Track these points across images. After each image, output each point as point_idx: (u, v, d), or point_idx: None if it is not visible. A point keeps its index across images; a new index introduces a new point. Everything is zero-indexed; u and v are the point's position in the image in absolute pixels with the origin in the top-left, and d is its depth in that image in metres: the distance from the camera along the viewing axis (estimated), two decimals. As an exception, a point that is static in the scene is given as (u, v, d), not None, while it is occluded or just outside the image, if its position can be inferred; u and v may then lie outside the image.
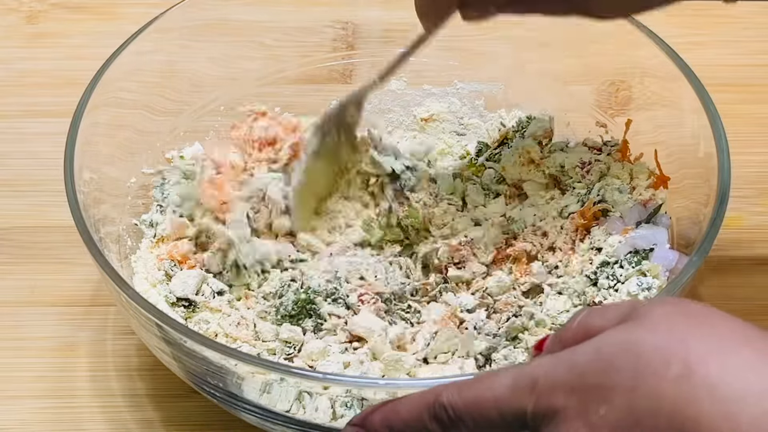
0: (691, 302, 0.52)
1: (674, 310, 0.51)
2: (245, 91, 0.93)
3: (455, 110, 0.96)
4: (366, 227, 0.84)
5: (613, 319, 0.52)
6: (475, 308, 0.80)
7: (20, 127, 1.00)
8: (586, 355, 0.50)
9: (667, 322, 0.50)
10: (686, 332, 0.49)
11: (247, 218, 0.83)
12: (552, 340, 0.55)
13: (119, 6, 1.11)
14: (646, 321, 0.50)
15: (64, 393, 0.83)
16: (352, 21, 0.96)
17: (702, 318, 0.50)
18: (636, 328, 0.50)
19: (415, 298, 0.81)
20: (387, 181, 0.85)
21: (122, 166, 0.85)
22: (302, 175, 0.83)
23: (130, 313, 0.73)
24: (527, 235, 0.84)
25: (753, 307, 0.88)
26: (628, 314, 0.52)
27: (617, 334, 0.50)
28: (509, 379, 0.52)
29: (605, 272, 0.79)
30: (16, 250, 0.91)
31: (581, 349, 0.51)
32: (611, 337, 0.51)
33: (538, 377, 0.51)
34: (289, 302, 0.79)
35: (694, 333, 0.49)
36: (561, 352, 0.52)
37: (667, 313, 0.51)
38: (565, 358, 0.51)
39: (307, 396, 0.69)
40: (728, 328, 0.49)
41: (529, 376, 0.52)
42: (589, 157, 0.87)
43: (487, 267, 0.83)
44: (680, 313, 0.51)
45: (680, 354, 0.48)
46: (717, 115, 0.78)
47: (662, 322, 0.50)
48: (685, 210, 0.81)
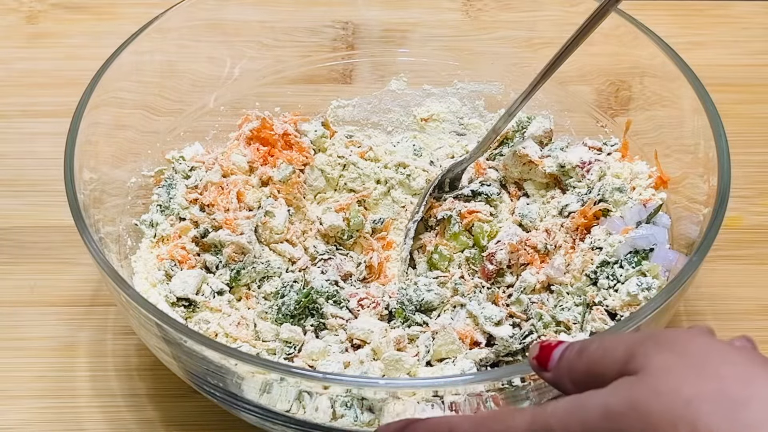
0: (688, 338, 0.52)
1: (677, 360, 0.51)
2: (245, 91, 0.93)
3: (455, 110, 0.96)
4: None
5: (614, 363, 0.53)
6: (502, 321, 0.79)
7: (20, 127, 1.00)
8: (595, 413, 0.51)
9: (671, 377, 0.50)
10: (693, 392, 0.49)
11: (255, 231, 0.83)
12: (559, 370, 0.56)
13: (119, 6, 1.11)
14: (650, 377, 0.51)
15: (64, 393, 0.82)
16: (352, 21, 0.96)
17: (708, 369, 0.50)
18: (641, 387, 0.50)
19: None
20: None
21: (122, 166, 0.85)
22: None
23: (130, 313, 0.73)
24: (538, 233, 0.84)
25: (753, 307, 0.88)
26: (628, 359, 0.52)
27: (624, 392, 0.51)
28: (525, 424, 0.54)
29: (605, 272, 0.79)
30: (16, 250, 0.91)
31: (590, 401, 0.52)
32: (618, 394, 0.51)
33: (553, 427, 0.53)
34: (291, 301, 0.80)
35: (701, 393, 0.49)
36: (574, 401, 0.53)
37: (668, 365, 0.51)
38: (577, 409, 0.52)
39: (307, 396, 0.69)
40: (733, 377, 0.49)
41: (545, 425, 0.53)
42: (589, 157, 0.87)
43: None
44: (684, 363, 0.50)
45: (687, 417, 0.48)
46: (717, 115, 0.78)
47: (667, 379, 0.50)
48: (685, 210, 0.81)
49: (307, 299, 0.79)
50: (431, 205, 0.88)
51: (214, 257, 0.83)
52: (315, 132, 0.91)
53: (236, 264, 0.82)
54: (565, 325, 0.79)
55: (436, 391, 0.66)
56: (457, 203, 0.87)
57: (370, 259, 0.85)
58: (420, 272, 0.85)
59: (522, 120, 0.91)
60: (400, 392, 0.67)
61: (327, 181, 0.91)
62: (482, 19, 0.94)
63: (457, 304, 0.81)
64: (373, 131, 0.96)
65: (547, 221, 0.86)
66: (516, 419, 0.54)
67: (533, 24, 0.92)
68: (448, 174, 0.88)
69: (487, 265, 0.83)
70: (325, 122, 0.92)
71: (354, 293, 0.82)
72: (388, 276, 0.86)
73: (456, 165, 0.88)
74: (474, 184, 0.88)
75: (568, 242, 0.84)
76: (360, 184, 0.90)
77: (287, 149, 0.89)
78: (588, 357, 0.55)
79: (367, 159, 0.91)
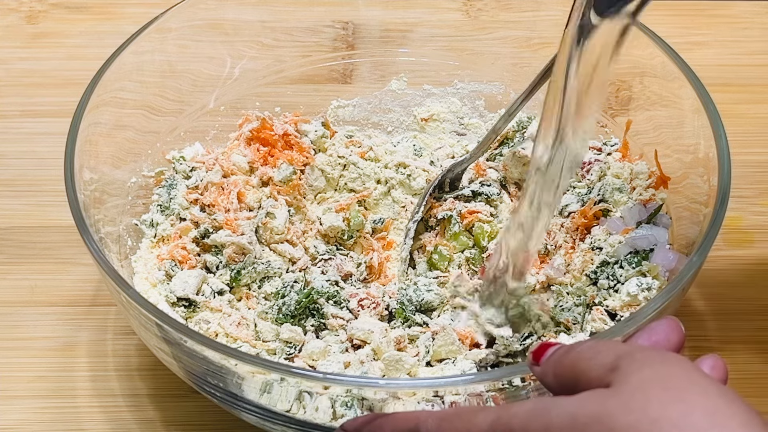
0: (675, 366, 0.53)
1: (654, 378, 0.52)
2: (245, 91, 0.93)
3: (455, 110, 0.96)
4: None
5: (599, 366, 0.54)
6: (503, 324, 0.80)
7: (20, 127, 1.00)
8: (560, 419, 0.52)
9: (644, 395, 0.51)
10: (660, 412, 0.50)
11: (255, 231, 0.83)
12: (547, 363, 0.57)
13: (119, 6, 1.11)
14: (623, 394, 0.51)
15: (65, 393, 0.83)
16: (352, 21, 0.96)
17: (680, 393, 0.51)
18: (612, 402, 0.51)
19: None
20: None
21: (122, 166, 0.85)
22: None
23: (130, 313, 0.73)
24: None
25: (753, 307, 0.88)
26: (612, 368, 0.53)
27: (593, 403, 0.52)
28: (487, 423, 0.55)
29: (605, 272, 0.79)
30: (16, 250, 0.91)
31: (558, 408, 0.53)
32: (588, 405, 0.52)
33: (514, 428, 0.53)
34: (291, 302, 0.80)
35: (667, 413, 0.50)
36: (538, 406, 0.53)
37: (644, 384, 0.51)
38: (542, 414, 0.53)
39: (308, 396, 0.69)
40: (702, 408, 0.50)
41: (506, 425, 0.54)
42: (589, 157, 0.87)
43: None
44: (659, 385, 0.51)
45: None
46: (717, 115, 0.78)
47: (639, 397, 0.51)
48: (685, 210, 0.81)
49: (308, 299, 0.79)
50: (431, 205, 0.88)
51: (214, 257, 0.83)
52: (315, 132, 0.91)
53: (236, 264, 0.82)
54: (564, 326, 0.79)
55: (436, 391, 0.66)
56: (457, 203, 0.87)
57: (370, 260, 0.85)
58: (420, 272, 0.85)
59: (522, 120, 0.91)
60: (400, 392, 0.67)
61: (327, 181, 0.91)
62: (482, 19, 0.94)
63: (457, 306, 0.81)
64: (374, 131, 0.96)
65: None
66: (479, 417, 0.55)
67: (533, 24, 0.92)
68: (448, 174, 0.88)
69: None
70: (325, 122, 0.92)
71: (354, 293, 0.82)
72: (389, 276, 0.86)
73: (456, 165, 0.88)
74: (474, 185, 0.88)
75: (568, 242, 0.84)
76: (360, 184, 0.90)
77: (287, 149, 0.89)
78: (577, 354, 0.56)
79: (367, 159, 0.91)
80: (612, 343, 0.56)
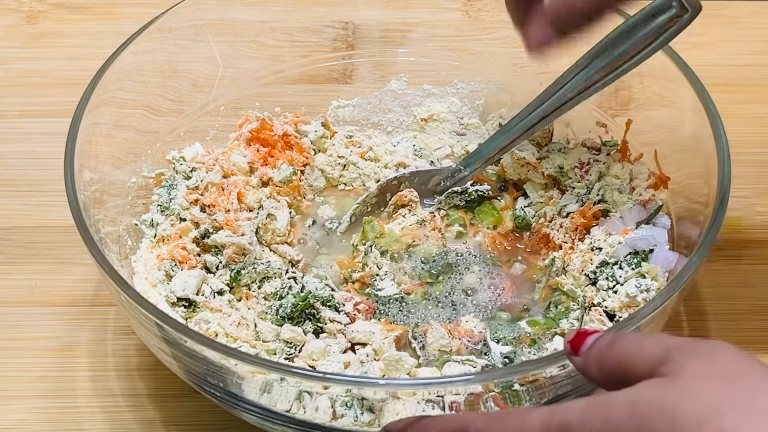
0: (725, 352, 0.52)
1: (709, 368, 0.51)
2: (245, 91, 0.93)
3: (455, 110, 0.96)
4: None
5: (648, 360, 0.53)
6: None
7: (20, 127, 1.00)
8: (621, 411, 0.51)
9: (704, 384, 0.50)
10: (722, 398, 0.49)
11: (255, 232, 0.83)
12: (589, 355, 0.56)
13: (119, 6, 1.11)
14: (682, 380, 0.51)
15: (64, 393, 0.82)
16: (352, 21, 0.96)
17: (740, 379, 0.50)
18: (672, 388, 0.50)
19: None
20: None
21: (122, 167, 0.85)
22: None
23: (130, 313, 0.73)
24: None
25: (753, 307, 0.88)
26: (663, 361, 0.52)
27: (653, 391, 0.51)
28: (542, 420, 0.53)
29: (605, 272, 0.79)
30: (16, 250, 0.91)
31: (617, 399, 0.51)
32: (647, 394, 0.51)
33: (571, 423, 0.52)
34: (288, 304, 0.79)
35: (730, 400, 0.49)
36: (596, 399, 0.52)
37: (701, 372, 0.51)
38: (601, 407, 0.52)
39: (308, 396, 0.69)
40: (763, 392, 0.49)
41: (562, 420, 0.52)
42: (587, 158, 0.87)
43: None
44: (717, 372, 0.51)
45: (715, 421, 0.48)
46: (717, 115, 0.78)
47: (699, 384, 0.50)
48: (685, 210, 0.81)
49: (305, 303, 0.79)
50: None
51: (214, 258, 0.83)
52: (315, 132, 0.91)
53: (236, 264, 0.82)
54: (560, 334, 0.79)
55: (437, 391, 0.66)
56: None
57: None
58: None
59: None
60: (400, 392, 0.67)
61: (327, 181, 0.91)
62: (482, 19, 0.94)
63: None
64: (373, 131, 0.96)
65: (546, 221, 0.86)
66: (532, 416, 0.54)
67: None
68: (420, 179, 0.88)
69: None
70: (325, 122, 0.92)
71: (349, 297, 0.81)
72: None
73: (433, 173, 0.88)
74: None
75: (568, 243, 0.84)
76: (360, 184, 0.90)
77: (287, 150, 0.89)
78: (622, 348, 0.54)
79: (367, 159, 0.91)
80: (657, 337, 0.54)
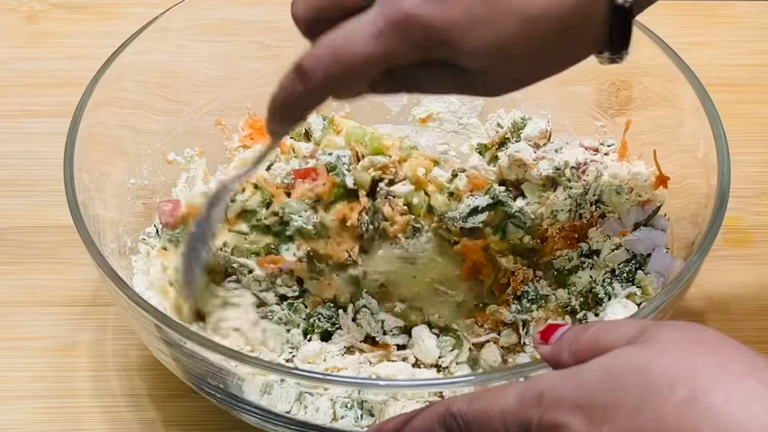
0: (701, 328, 0.52)
1: (683, 335, 0.51)
2: (245, 91, 0.93)
3: (454, 110, 0.95)
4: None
5: (623, 338, 0.53)
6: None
7: (20, 127, 1.00)
8: (594, 374, 0.51)
9: (677, 347, 0.50)
10: (695, 359, 0.49)
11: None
12: (560, 342, 0.56)
13: (119, 6, 1.11)
14: (655, 344, 0.51)
15: (64, 393, 0.83)
16: (352, 21, 0.96)
17: (711, 346, 0.50)
18: (645, 350, 0.51)
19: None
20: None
21: (122, 166, 0.85)
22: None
23: (129, 314, 0.73)
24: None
25: (753, 307, 0.88)
26: (638, 335, 0.52)
27: (626, 355, 0.51)
28: (517, 392, 0.54)
29: (594, 288, 0.79)
30: (16, 250, 0.91)
31: (589, 367, 0.52)
32: (620, 357, 0.51)
33: (544, 391, 0.52)
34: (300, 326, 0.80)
35: (702, 361, 0.49)
36: (569, 369, 0.53)
37: (676, 338, 0.51)
38: (573, 375, 0.52)
39: (308, 397, 0.69)
40: (737, 358, 0.50)
41: (536, 389, 0.53)
42: (584, 158, 0.87)
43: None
44: (689, 339, 0.51)
45: (687, 380, 0.48)
46: (717, 115, 0.78)
47: (672, 347, 0.50)
48: (684, 210, 0.81)
49: (312, 328, 0.79)
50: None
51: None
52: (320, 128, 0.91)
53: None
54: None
55: (437, 392, 0.66)
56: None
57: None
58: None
59: (517, 121, 0.91)
60: (400, 393, 0.67)
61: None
62: (482, 19, 0.93)
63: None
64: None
65: (544, 222, 0.85)
66: (508, 390, 0.54)
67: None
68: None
69: None
70: (331, 119, 0.92)
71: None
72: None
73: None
74: (480, 198, 0.86)
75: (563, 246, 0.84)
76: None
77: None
78: (596, 331, 0.55)
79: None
80: (632, 319, 0.55)
